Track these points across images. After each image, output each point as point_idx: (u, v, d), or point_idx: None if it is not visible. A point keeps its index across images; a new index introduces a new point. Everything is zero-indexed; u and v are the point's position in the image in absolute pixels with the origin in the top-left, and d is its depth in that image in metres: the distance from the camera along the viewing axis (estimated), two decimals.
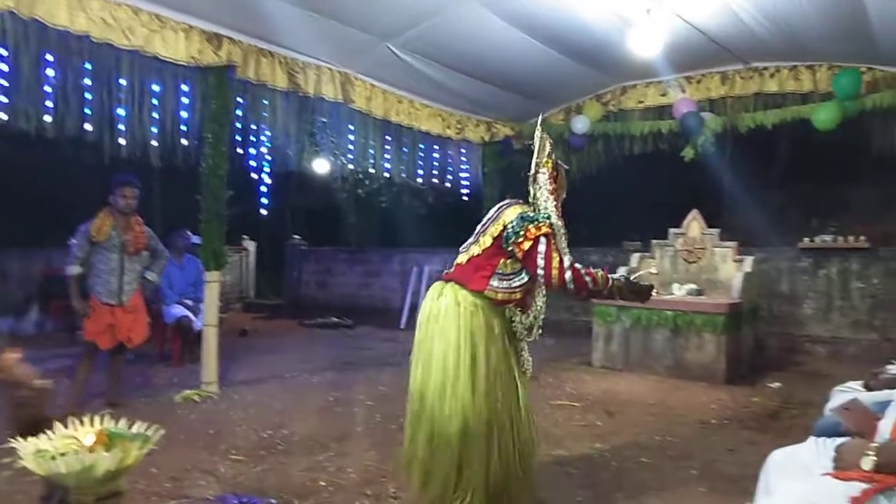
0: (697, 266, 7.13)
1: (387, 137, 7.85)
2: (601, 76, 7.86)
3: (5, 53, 4.59)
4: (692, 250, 7.16)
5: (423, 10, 5.76)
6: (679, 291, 6.80)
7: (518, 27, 6.17)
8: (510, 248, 2.79)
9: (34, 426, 2.04)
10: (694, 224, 7.24)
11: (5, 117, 4.73)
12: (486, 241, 2.86)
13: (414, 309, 10.81)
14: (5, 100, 4.69)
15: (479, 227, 2.99)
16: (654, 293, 3.23)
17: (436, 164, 8.83)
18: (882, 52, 6.26)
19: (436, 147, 8.69)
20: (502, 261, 2.84)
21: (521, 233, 2.75)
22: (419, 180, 9.23)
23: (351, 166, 8.60)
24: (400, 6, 5.66)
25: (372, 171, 8.47)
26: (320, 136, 7.75)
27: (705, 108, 7.79)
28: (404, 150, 8.21)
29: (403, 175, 8.63)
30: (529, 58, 6.83)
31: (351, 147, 7.58)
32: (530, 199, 3.00)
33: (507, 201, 2.98)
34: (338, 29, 5.85)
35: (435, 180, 9.14)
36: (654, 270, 3.00)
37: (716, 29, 6.27)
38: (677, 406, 5.27)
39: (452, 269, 2.95)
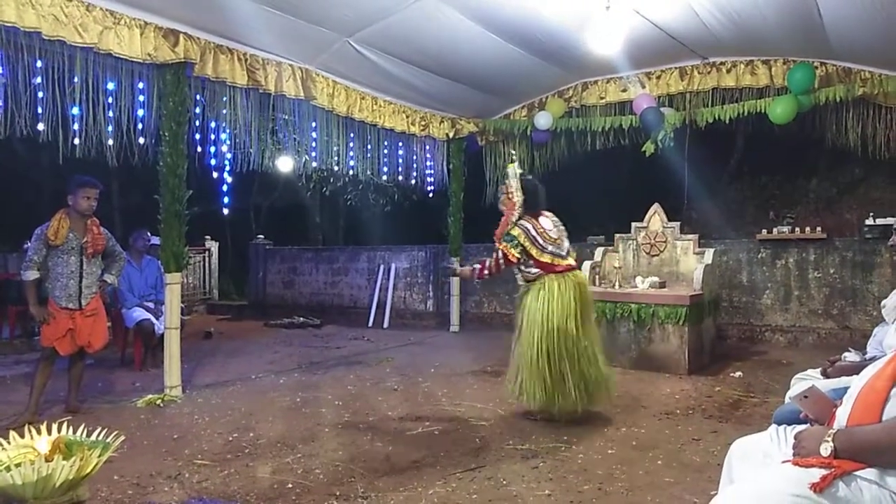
0: (659, 259, 7.24)
1: (350, 135, 7.80)
2: (563, 73, 7.92)
3: None
4: (654, 243, 7.27)
5: (383, 5, 5.72)
6: (642, 284, 6.89)
7: (480, 24, 6.18)
8: None
9: None
10: (655, 218, 7.35)
11: None
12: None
13: (382, 307, 10.79)
14: None
15: (554, 234, 4.65)
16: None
17: (400, 160, 8.81)
18: (834, 47, 6.43)
19: (400, 144, 8.67)
20: None
21: None
22: (384, 177, 9.20)
23: (315, 164, 8.51)
24: (359, 2, 5.62)
25: (336, 168, 8.40)
26: (283, 133, 7.65)
27: (664, 104, 7.92)
28: (368, 147, 8.17)
29: (368, 172, 8.58)
30: (492, 55, 6.85)
31: (314, 145, 7.51)
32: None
33: (551, 215, 4.79)
34: (297, 25, 5.78)
35: (400, 177, 9.12)
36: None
37: (674, 25, 6.37)
38: (642, 397, 5.34)
39: (572, 263, 4.68)
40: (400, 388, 5.80)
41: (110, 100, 5.41)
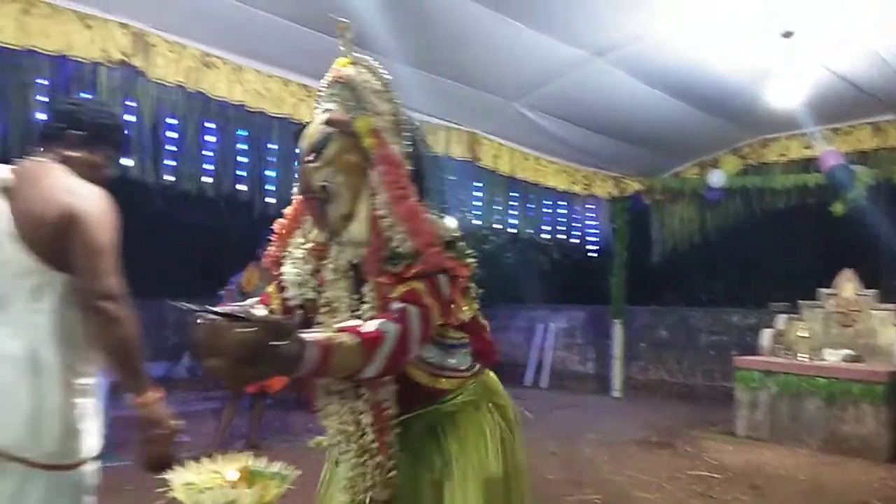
0: (853, 330, 6.53)
1: (512, 194, 7.93)
2: (738, 129, 7.56)
3: (174, 122, 5.13)
4: (846, 312, 6.57)
5: (550, 70, 5.84)
6: (832, 357, 6.24)
7: (648, 83, 6.10)
8: None
9: (160, 462, 2.21)
10: (847, 284, 6.68)
11: (172, 179, 5.25)
12: None
13: (539, 366, 10.68)
14: (173, 163, 5.22)
15: None
16: None
17: (562, 219, 8.79)
18: None
19: (562, 203, 8.66)
20: None
21: None
22: (545, 236, 9.20)
23: (477, 222, 8.74)
24: (527, 67, 5.78)
25: (498, 226, 8.55)
26: (448, 193, 7.95)
27: (854, 161, 7.24)
28: (530, 205, 8.25)
29: (529, 231, 8.64)
30: (660, 112, 6.71)
31: (477, 203, 7.73)
32: None
33: None
34: (465, 91, 6.04)
35: (561, 236, 9.07)
36: None
37: (864, 77, 5.88)
38: (832, 484, 4.77)
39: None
40: (559, 453, 5.64)
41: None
